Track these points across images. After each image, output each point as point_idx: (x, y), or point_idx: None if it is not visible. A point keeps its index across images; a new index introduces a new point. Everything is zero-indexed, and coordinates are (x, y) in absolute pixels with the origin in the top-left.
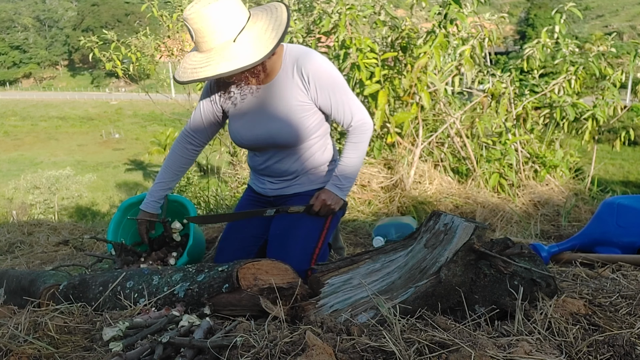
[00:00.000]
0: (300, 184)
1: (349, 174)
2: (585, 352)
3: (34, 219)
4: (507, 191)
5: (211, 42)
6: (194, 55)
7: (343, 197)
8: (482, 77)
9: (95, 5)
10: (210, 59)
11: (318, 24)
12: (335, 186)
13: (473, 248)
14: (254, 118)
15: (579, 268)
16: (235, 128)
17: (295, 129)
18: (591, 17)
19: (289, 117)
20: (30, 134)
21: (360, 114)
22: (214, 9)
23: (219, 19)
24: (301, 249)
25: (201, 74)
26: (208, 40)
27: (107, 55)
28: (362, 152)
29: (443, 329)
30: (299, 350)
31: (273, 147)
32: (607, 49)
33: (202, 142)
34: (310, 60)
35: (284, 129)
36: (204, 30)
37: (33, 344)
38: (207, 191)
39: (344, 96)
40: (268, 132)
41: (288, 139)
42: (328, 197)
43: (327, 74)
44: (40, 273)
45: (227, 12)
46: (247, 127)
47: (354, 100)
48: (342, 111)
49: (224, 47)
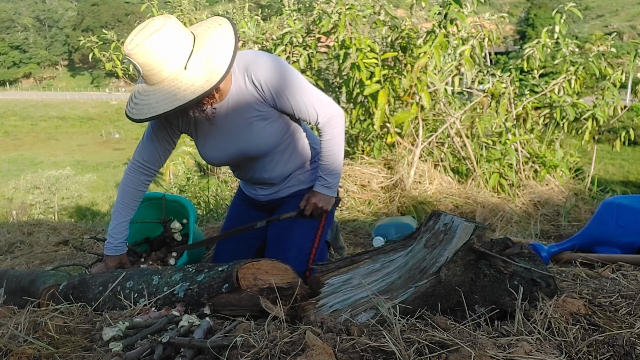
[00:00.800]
0: (291, 185)
1: (332, 170)
2: (585, 352)
3: (34, 219)
4: (507, 191)
5: (161, 73)
6: (143, 89)
7: (333, 194)
8: (482, 77)
9: (95, 5)
10: (165, 91)
11: (318, 24)
12: (323, 186)
13: (473, 248)
14: (219, 138)
15: (579, 268)
16: (205, 152)
17: (264, 139)
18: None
19: (254, 129)
20: (30, 134)
21: (325, 110)
22: (157, 39)
23: (165, 49)
24: (298, 250)
25: (159, 109)
26: (157, 73)
27: (107, 55)
28: (339, 144)
29: (443, 329)
30: (299, 350)
31: (248, 160)
32: (607, 49)
33: (155, 171)
34: (259, 65)
35: (252, 142)
36: (151, 63)
37: (33, 344)
38: (207, 191)
39: (303, 95)
40: (238, 149)
41: (259, 149)
42: (318, 200)
43: (280, 77)
44: (40, 273)
45: (172, 40)
46: (216, 149)
47: (315, 95)
48: (305, 111)
49: (177, 76)
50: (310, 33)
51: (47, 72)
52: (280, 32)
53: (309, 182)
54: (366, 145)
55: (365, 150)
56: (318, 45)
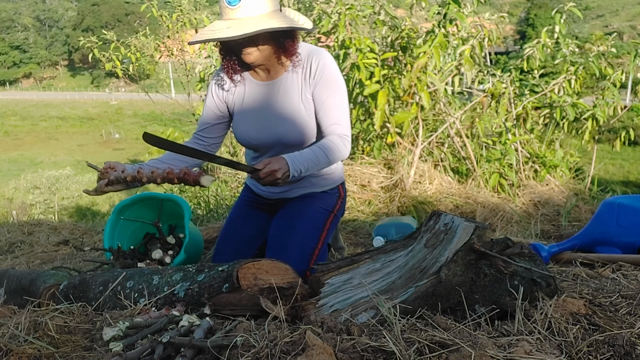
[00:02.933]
0: (302, 187)
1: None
2: (585, 352)
3: (34, 219)
4: (507, 191)
5: (254, 9)
6: (217, 24)
7: (292, 176)
8: (482, 77)
9: (95, 5)
10: (242, 21)
11: (318, 24)
12: (293, 161)
13: (473, 248)
14: (259, 117)
15: (579, 268)
16: (243, 129)
17: (303, 128)
18: (591, 17)
19: (296, 115)
20: (30, 134)
21: (344, 127)
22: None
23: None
24: (300, 250)
25: (225, 33)
26: (251, 6)
27: (107, 55)
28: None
29: (443, 328)
30: (299, 350)
31: (279, 146)
32: (607, 49)
33: (211, 143)
34: (324, 56)
35: (291, 127)
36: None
37: (33, 343)
38: (207, 191)
39: (340, 100)
40: (275, 133)
41: (296, 138)
42: (279, 169)
43: (334, 73)
44: (40, 273)
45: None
46: (253, 127)
47: (345, 111)
48: (328, 111)
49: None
50: (310, 33)
51: (47, 72)
52: None
53: (321, 187)
54: (366, 145)
55: (365, 150)
56: (318, 45)
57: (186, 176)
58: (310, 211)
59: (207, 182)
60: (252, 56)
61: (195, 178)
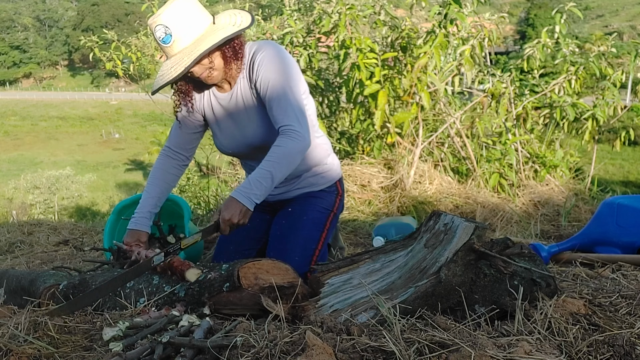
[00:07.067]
0: (301, 187)
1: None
2: (585, 352)
3: (34, 219)
4: (507, 191)
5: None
6: (164, 65)
7: (250, 206)
8: (482, 77)
9: (95, 5)
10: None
11: (318, 24)
12: (243, 194)
13: (473, 248)
14: (228, 127)
15: (579, 268)
16: (219, 140)
17: (268, 127)
18: (591, 17)
19: (257, 117)
20: (30, 134)
21: (289, 117)
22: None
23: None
24: (301, 251)
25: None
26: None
27: (107, 55)
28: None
29: (443, 329)
30: (299, 350)
31: (254, 150)
32: (607, 49)
33: (183, 156)
34: (262, 47)
35: (257, 131)
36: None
37: (33, 343)
38: (207, 191)
39: (281, 88)
40: (244, 139)
41: (264, 138)
42: (233, 213)
43: (272, 61)
44: (40, 273)
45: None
46: (225, 137)
47: (291, 97)
48: (272, 106)
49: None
50: (311, 33)
51: (47, 72)
52: (280, 32)
53: (319, 185)
54: (366, 145)
55: (365, 150)
56: (318, 45)
57: (173, 268)
58: (311, 211)
59: (192, 277)
60: (213, 77)
61: (182, 271)
